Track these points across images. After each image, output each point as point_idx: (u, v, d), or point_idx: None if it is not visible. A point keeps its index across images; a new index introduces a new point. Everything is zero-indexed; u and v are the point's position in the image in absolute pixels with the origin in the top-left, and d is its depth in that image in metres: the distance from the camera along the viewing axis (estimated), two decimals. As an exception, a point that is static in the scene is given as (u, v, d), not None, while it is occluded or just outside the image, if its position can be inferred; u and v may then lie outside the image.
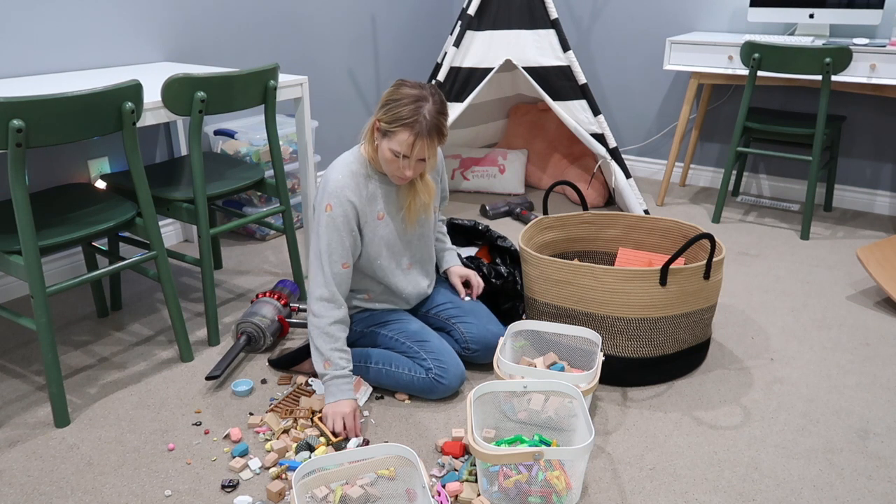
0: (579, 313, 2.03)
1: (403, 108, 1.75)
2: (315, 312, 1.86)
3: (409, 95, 1.77)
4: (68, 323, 2.43)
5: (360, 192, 1.88)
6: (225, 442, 1.82)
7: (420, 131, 1.75)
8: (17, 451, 1.79)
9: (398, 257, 2.00)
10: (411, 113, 1.75)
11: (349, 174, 1.87)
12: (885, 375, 2.13)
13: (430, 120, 1.76)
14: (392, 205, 1.95)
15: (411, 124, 1.75)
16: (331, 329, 1.85)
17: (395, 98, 1.78)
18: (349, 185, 1.86)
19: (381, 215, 1.93)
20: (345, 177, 1.86)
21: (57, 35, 2.52)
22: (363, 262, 1.97)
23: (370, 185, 1.91)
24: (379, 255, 1.96)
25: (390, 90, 1.81)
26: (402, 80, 1.83)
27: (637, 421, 1.91)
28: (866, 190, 3.53)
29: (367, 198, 1.90)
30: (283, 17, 3.31)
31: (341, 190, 1.85)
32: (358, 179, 1.88)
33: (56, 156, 2.60)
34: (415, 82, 1.81)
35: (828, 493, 1.65)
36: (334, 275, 1.85)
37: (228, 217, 3.10)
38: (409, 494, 1.60)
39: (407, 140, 1.76)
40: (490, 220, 3.40)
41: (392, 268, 2.00)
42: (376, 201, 1.92)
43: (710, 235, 2.00)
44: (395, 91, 1.80)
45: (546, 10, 3.11)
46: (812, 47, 2.93)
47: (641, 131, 4.05)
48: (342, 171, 1.87)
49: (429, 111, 1.76)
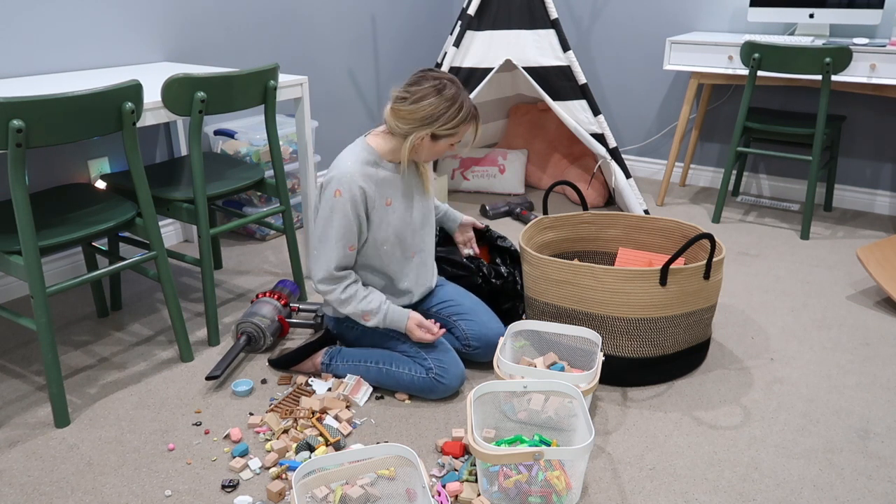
0: (579, 313, 2.03)
1: (459, 111, 1.87)
2: (323, 293, 1.96)
3: (453, 97, 1.86)
4: (68, 323, 2.43)
5: (369, 178, 1.92)
6: (225, 442, 1.82)
7: (476, 117, 1.92)
8: (17, 451, 1.79)
9: (403, 244, 2.02)
10: (467, 112, 1.88)
11: (359, 162, 1.92)
12: (885, 375, 2.13)
13: (472, 104, 1.91)
14: (398, 192, 1.99)
15: (473, 118, 1.91)
16: (345, 294, 1.94)
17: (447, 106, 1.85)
18: (360, 171, 1.91)
19: (389, 202, 1.97)
20: (354, 164, 1.91)
21: (57, 35, 2.52)
22: (369, 248, 1.99)
23: (379, 173, 1.95)
24: (386, 240, 1.98)
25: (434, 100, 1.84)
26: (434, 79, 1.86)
27: (637, 421, 1.91)
28: (866, 190, 3.53)
29: (376, 184, 1.94)
30: (283, 17, 3.31)
31: (352, 176, 1.89)
32: (367, 168, 1.93)
33: (56, 156, 2.60)
34: (435, 75, 1.87)
35: (828, 493, 1.65)
36: (339, 257, 1.92)
37: (228, 217, 3.10)
38: (409, 494, 1.60)
39: (472, 131, 1.94)
40: (490, 220, 3.40)
41: (397, 255, 2.02)
42: (384, 188, 1.96)
43: (710, 235, 2.00)
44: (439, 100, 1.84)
45: (546, 10, 3.11)
46: (812, 47, 2.93)
47: (641, 131, 4.05)
48: (352, 159, 1.92)
49: (466, 97, 1.89)
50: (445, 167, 3.79)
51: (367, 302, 1.94)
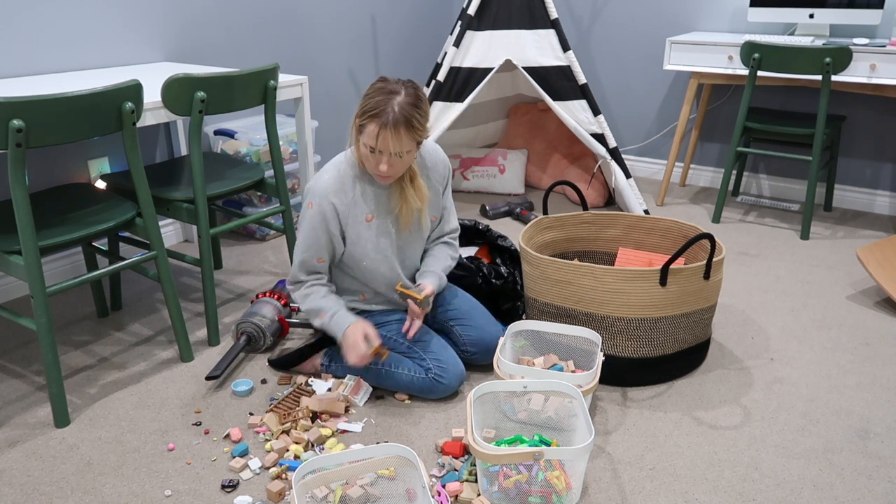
0: (579, 313, 2.03)
1: (372, 100, 1.77)
2: (289, 291, 2.03)
3: (382, 89, 1.77)
4: (68, 323, 2.43)
5: (345, 193, 1.90)
6: (225, 442, 1.82)
7: (385, 121, 1.73)
8: (17, 451, 1.79)
9: (386, 261, 1.98)
10: (378, 104, 1.74)
11: (337, 176, 1.90)
12: (885, 375, 2.13)
13: (398, 111, 1.73)
14: (382, 207, 1.94)
15: (378, 114, 1.74)
16: (307, 292, 1.97)
17: (368, 93, 1.80)
18: (334, 187, 1.89)
19: (369, 217, 1.93)
20: (332, 178, 1.89)
21: (57, 35, 2.52)
22: (349, 262, 1.98)
23: (359, 186, 1.91)
24: (364, 256, 1.95)
25: (368, 88, 1.82)
26: (383, 77, 1.83)
27: (637, 421, 1.91)
28: (866, 190, 3.53)
29: (352, 199, 1.91)
30: (283, 17, 3.31)
31: (324, 191, 1.88)
32: (345, 181, 1.90)
33: (56, 156, 2.60)
34: (394, 79, 1.81)
35: (828, 493, 1.65)
36: (306, 263, 1.95)
37: (228, 217, 3.10)
38: (409, 494, 1.60)
39: (373, 131, 1.75)
40: (490, 220, 3.40)
41: (380, 271, 1.98)
42: (364, 203, 1.92)
43: (710, 235, 2.00)
44: (370, 87, 1.81)
45: (546, 10, 3.11)
46: (812, 47, 2.93)
47: (641, 131, 4.05)
48: (330, 172, 1.90)
49: (398, 103, 1.74)
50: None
51: (322, 303, 1.95)
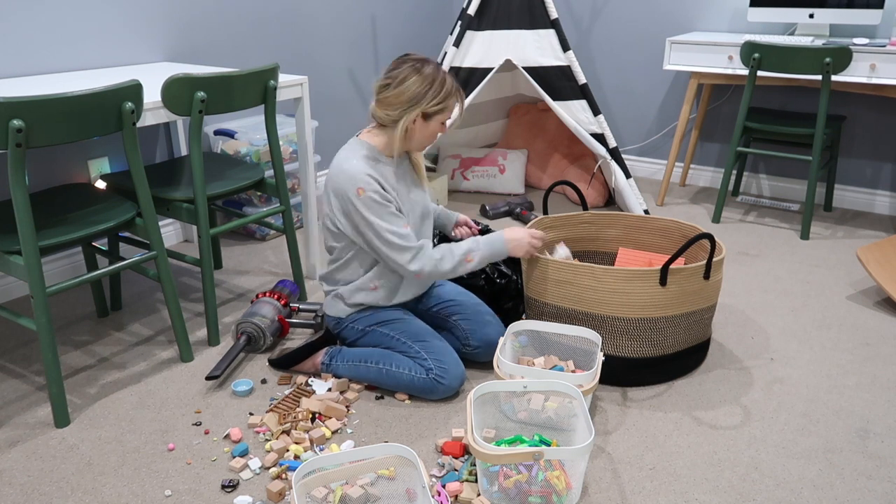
0: (579, 313, 2.03)
1: (438, 86, 1.88)
2: (419, 271, 1.92)
3: (434, 73, 1.88)
4: (68, 323, 2.43)
5: (376, 170, 1.94)
6: (225, 442, 1.82)
7: (461, 96, 1.95)
8: (17, 451, 1.79)
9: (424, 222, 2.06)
10: (445, 86, 1.89)
11: (362, 158, 1.93)
12: (885, 375, 2.13)
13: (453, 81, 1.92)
14: (399, 183, 2.00)
15: (453, 94, 1.91)
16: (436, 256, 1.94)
17: (430, 81, 1.87)
18: (367, 167, 1.91)
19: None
20: (359, 161, 1.92)
21: (57, 35, 2.52)
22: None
23: (378, 167, 1.96)
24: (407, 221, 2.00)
25: (417, 79, 1.87)
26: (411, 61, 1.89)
27: (637, 421, 1.91)
28: (866, 190, 3.53)
29: (382, 175, 1.95)
30: (283, 17, 3.31)
31: (363, 171, 1.89)
32: (369, 163, 1.93)
33: (56, 156, 2.60)
34: (415, 58, 1.90)
35: (828, 493, 1.65)
36: (407, 237, 1.92)
37: (228, 217, 3.10)
38: (409, 494, 1.60)
39: (458, 107, 1.96)
40: (490, 220, 3.40)
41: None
42: (387, 180, 1.96)
43: (710, 235, 2.00)
44: (421, 78, 1.87)
45: (546, 10, 3.11)
46: (812, 47, 2.93)
47: (641, 131, 4.05)
48: (354, 157, 1.92)
49: (447, 73, 1.91)
50: (445, 167, 3.79)
51: (466, 249, 1.97)
